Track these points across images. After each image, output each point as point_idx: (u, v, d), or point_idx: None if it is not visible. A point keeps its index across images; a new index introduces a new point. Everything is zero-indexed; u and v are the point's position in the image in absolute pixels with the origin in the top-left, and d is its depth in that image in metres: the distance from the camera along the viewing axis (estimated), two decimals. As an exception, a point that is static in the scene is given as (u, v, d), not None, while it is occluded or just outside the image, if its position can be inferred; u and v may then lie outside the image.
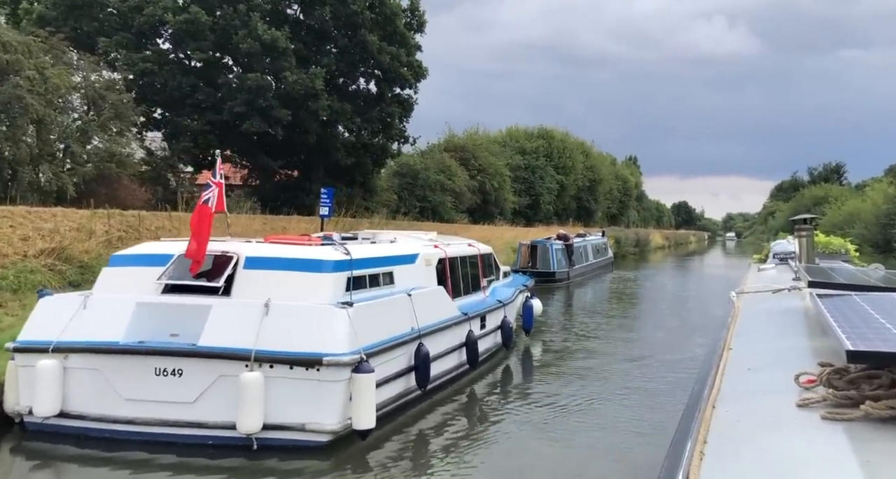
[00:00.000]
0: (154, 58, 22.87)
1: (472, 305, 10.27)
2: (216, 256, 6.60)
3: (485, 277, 11.88)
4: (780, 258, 10.18)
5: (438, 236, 12.11)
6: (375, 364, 6.56)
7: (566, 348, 12.69)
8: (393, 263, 8.08)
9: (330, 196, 17.04)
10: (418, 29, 30.35)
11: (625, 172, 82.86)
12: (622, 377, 10.08)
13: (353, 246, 7.61)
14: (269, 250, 6.77)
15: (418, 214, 38.01)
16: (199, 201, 6.65)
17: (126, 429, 5.91)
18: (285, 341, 6.00)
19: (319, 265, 6.64)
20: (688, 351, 11.22)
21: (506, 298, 11.58)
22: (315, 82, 24.12)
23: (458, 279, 10.46)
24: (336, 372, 5.99)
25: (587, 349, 12.41)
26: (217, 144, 25.79)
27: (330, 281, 6.61)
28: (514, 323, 13.08)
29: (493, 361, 10.83)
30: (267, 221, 18.76)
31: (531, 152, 53.52)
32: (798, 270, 6.39)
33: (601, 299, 23.25)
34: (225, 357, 5.90)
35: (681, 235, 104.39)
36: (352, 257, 7.02)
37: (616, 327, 15.66)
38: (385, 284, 7.84)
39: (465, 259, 10.95)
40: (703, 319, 14.63)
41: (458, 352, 9.22)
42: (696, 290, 26.49)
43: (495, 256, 12.79)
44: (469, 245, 11.62)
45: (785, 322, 4.02)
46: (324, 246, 7.06)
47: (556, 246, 25.41)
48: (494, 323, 10.90)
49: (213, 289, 6.35)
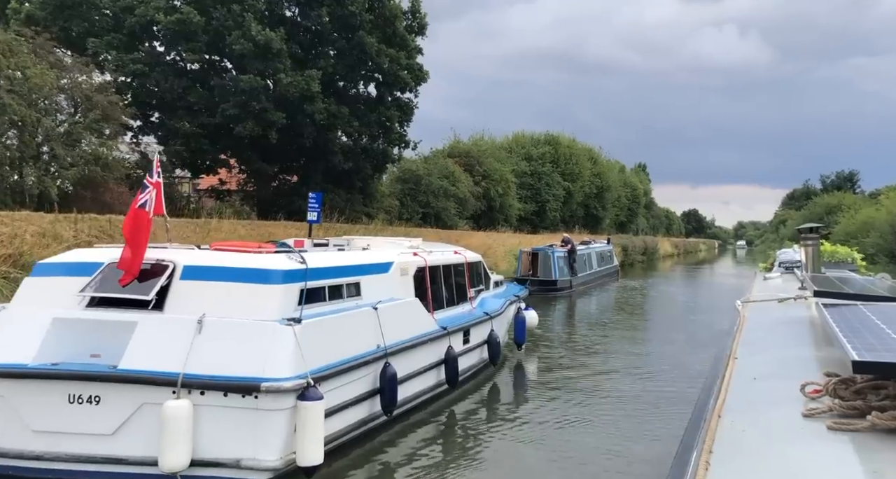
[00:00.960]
0: (145, 59, 22.32)
1: (455, 318, 9.49)
2: (151, 264, 5.85)
3: (472, 286, 11.10)
4: (786, 267, 10.03)
5: (423, 243, 11.35)
6: (328, 389, 5.79)
7: (561, 363, 11.85)
8: (360, 272, 7.31)
9: (318, 201, 16.20)
10: (419, 32, 29.72)
11: (634, 180, 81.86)
12: (620, 398, 9.24)
13: (313, 254, 6.85)
14: (212, 259, 6.00)
15: (421, 221, 37.37)
16: (134, 204, 5.90)
17: (34, 466, 5.14)
18: (220, 364, 5.24)
19: (266, 276, 5.88)
20: (694, 368, 10.36)
21: (494, 309, 10.78)
22: (310, 85, 23.49)
23: (441, 290, 9.68)
24: (277, 400, 5.22)
25: (584, 365, 11.57)
26: (210, 148, 25.33)
27: (278, 293, 5.84)
28: (505, 337, 12.29)
29: (478, 379, 10.01)
30: (253, 227, 18.06)
31: (537, 159, 52.76)
32: (804, 279, 6.34)
33: (604, 309, 22.35)
34: (149, 382, 5.14)
35: (690, 244, 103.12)
36: (307, 267, 6.25)
37: (618, 340, 14.79)
38: (350, 296, 7.07)
39: (450, 268, 10.17)
40: (710, 332, 13.76)
41: (436, 371, 8.44)
42: (704, 300, 25.50)
43: (485, 264, 11.99)
44: (455, 252, 10.84)
45: (790, 332, 3.98)
46: (275, 254, 6.29)
47: (558, 253, 24.54)
48: (480, 337, 10.10)
49: (142, 302, 5.59)
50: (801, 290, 5.82)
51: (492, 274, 13.39)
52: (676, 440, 2.56)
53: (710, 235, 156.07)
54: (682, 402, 7.93)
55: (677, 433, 2.81)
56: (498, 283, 12.97)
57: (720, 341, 4.67)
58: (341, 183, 29.06)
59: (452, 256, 10.55)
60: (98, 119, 19.79)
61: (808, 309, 4.77)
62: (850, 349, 2.30)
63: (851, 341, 2.49)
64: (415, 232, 26.39)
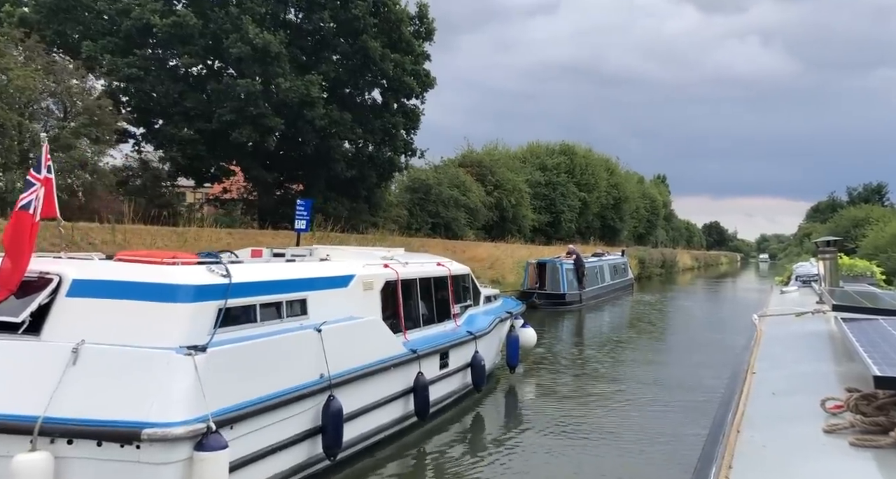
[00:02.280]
0: (140, 63, 21.64)
1: (432, 338, 8.40)
2: (33, 278, 4.85)
3: (458, 302, 10.01)
4: (803, 281, 9.96)
5: (403, 254, 10.29)
6: (242, 433, 4.75)
7: (559, 391, 10.64)
8: (307, 287, 6.26)
9: (307, 208, 15.25)
10: (427, 37, 28.89)
11: (653, 191, 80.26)
12: (622, 438, 8.04)
13: (243, 266, 5.81)
14: (108, 271, 4.98)
15: (430, 231, 36.45)
16: (17, 206, 4.93)
17: None
18: (96, 405, 4.22)
19: (172, 292, 4.85)
20: (710, 393, 9.14)
21: (480, 328, 9.66)
22: (310, 90, 22.69)
23: (416, 306, 8.61)
24: (165, 450, 4.17)
25: (586, 394, 10.35)
26: (207, 155, 24.60)
27: (185, 314, 4.81)
28: (496, 358, 11.16)
29: (457, 409, 8.89)
30: (242, 235, 17.14)
31: (552, 169, 51.57)
32: (822, 293, 6.26)
33: (616, 326, 21.05)
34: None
35: (711, 257, 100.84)
36: (231, 281, 5.22)
37: (626, 363, 13.52)
38: (292, 315, 6.02)
39: (428, 281, 9.10)
40: (730, 355, 12.49)
41: (402, 401, 7.34)
42: (725, 317, 23.90)
43: (474, 277, 10.88)
44: (438, 264, 9.76)
45: (809, 346, 3.96)
46: (193, 266, 5.26)
47: (566, 266, 23.30)
48: (461, 360, 8.99)
49: (10, 325, 4.59)
50: (820, 304, 5.75)
51: (484, 288, 12.29)
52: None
53: (732, 248, 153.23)
54: (696, 446, 6.71)
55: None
56: (491, 298, 11.85)
57: (738, 355, 4.55)
58: (345, 192, 28.18)
59: (433, 268, 9.48)
60: (87, 124, 19.13)
61: (827, 323, 4.70)
62: (872, 364, 2.30)
63: (872, 355, 2.48)
64: (416, 243, 25.41)
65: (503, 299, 13.24)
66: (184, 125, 22.87)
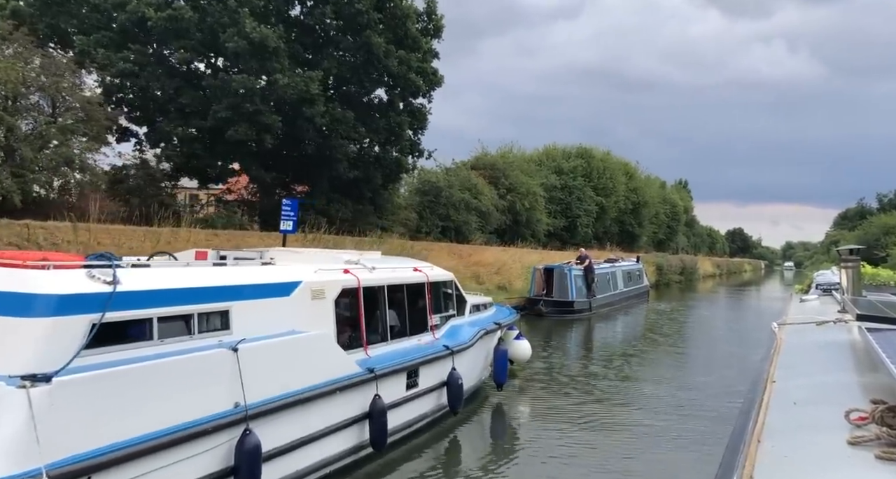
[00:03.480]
0: (135, 58, 20.94)
1: (399, 354, 7.37)
2: None
3: (437, 312, 8.96)
4: (824, 289, 9.78)
5: (381, 258, 9.29)
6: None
7: (549, 413, 9.51)
8: (229, 296, 5.27)
9: (294, 208, 14.41)
10: (435, 34, 27.91)
11: (674, 196, 78.50)
12: (628, 466, 6.92)
13: (138, 272, 4.81)
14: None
15: (440, 234, 35.51)
16: None
17: None
18: None
19: (26, 304, 3.88)
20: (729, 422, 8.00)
21: (460, 342, 8.60)
22: (310, 86, 21.81)
23: (383, 317, 7.58)
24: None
25: (581, 417, 9.22)
26: (204, 153, 23.86)
27: (40, 331, 3.84)
28: (482, 375, 10.08)
29: (426, 436, 7.81)
30: (226, 236, 16.26)
31: (568, 172, 50.30)
32: (844, 302, 6.20)
33: (627, 336, 19.79)
34: None
35: (734, 264, 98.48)
36: (115, 290, 4.24)
37: (635, 379, 12.29)
38: (208, 330, 5.03)
39: (400, 289, 8.07)
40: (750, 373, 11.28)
41: (353, 430, 6.31)
42: (746, 329, 22.30)
43: (458, 284, 9.82)
44: (414, 269, 8.72)
45: (831, 356, 3.89)
46: (66, 271, 4.28)
47: (575, 271, 22.08)
48: (435, 379, 7.94)
49: None
50: (842, 313, 5.68)
51: (474, 296, 11.24)
52: None
53: (757, 256, 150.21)
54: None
55: None
56: (480, 306, 10.78)
57: (757, 364, 4.45)
58: (349, 193, 27.27)
59: (407, 274, 8.44)
60: (77, 121, 18.45)
61: (850, 333, 4.64)
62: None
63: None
64: (419, 246, 24.40)
65: (496, 307, 12.16)
66: (180, 123, 22.13)
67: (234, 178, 27.46)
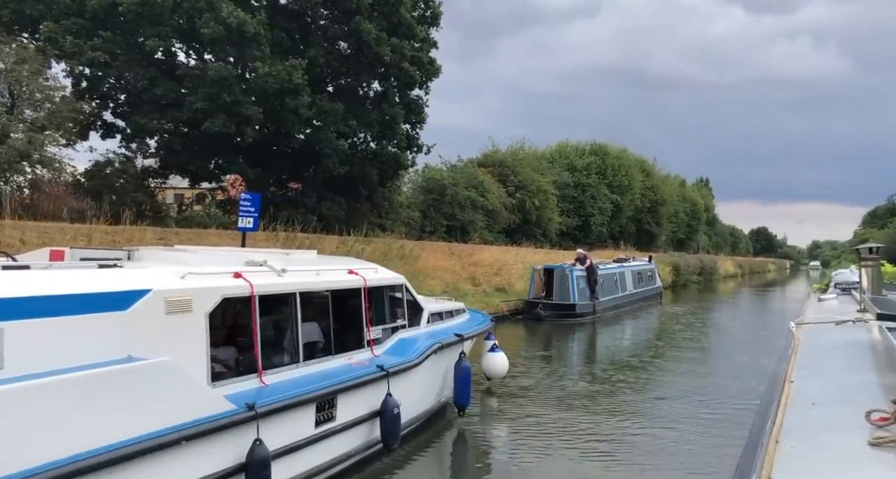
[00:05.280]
0: (106, 46, 19.67)
1: (309, 380, 5.81)
2: None
3: (378, 323, 7.40)
4: (842, 289, 9.63)
5: (318, 258, 7.77)
6: None
7: (519, 445, 7.86)
8: (5, 315, 3.73)
9: (255, 204, 12.89)
10: (433, 22, 26.36)
11: (694, 195, 76.14)
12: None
13: None
14: None
15: (445, 234, 34.01)
16: None
17: None
18: None
19: None
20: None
21: (400, 360, 7.02)
22: (292, 75, 20.37)
23: (294, 333, 6.04)
24: None
25: (559, 452, 7.55)
26: (183, 149, 22.57)
27: None
28: (437, 397, 8.48)
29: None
30: (188, 235, 14.83)
31: (582, 169, 48.45)
32: (863, 301, 6.18)
33: (632, 344, 17.95)
34: None
35: (757, 263, 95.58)
36: None
37: (632, 402, 10.49)
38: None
39: (322, 296, 6.54)
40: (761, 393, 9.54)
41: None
42: (768, 336, 19.14)
43: (410, 288, 8.24)
44: (349, 272, 7.15)
45: (850, 355, 3.85)
46: None
47: (577, 272, 20.34)
48: (361, 409, 6.37)
49: None
50: (861, 312, 5.68)
51: (439, 301, 9.66)
52: None
53: (782, 255, 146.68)
54: None
55: None
56: (444, 314, 9.19)
57: (775, 364, 4.39)
58: (343, 191, 25.81)
59: (336, 277, 6.88)
60: (43, 112, 17.24)
61: (870, 332, 4.56)
62: None
63: None
64: (409, 245, 22.86)
65: (471, 313, 10.56)
66: (155, 116, 20.83)
67: (230, 176, 26.20)
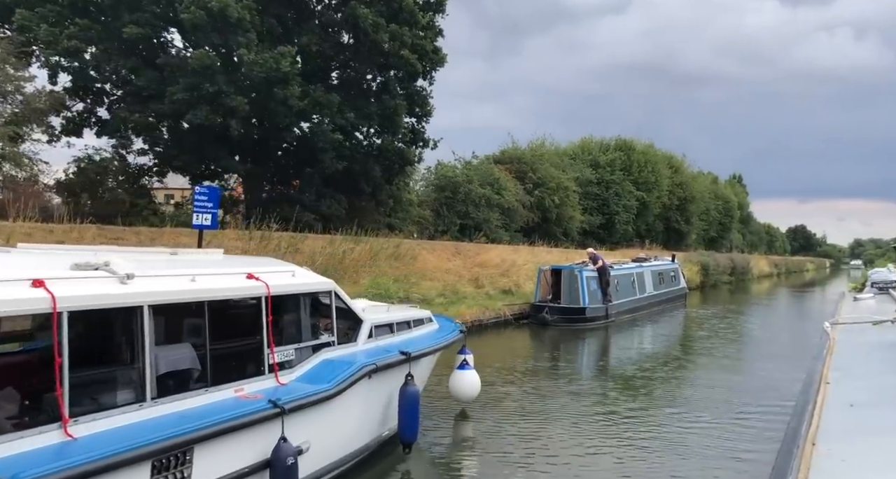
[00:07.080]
0: (82, 34, 18.57)
1: (154, 426, 4.29)
2: None
3: (288, 342, 5.87)
4: (879, 288, 9.60)
5: (225, 257, 6.28)
6: None
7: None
8: None
9: (213, 199, 11.43)
10: (437, 8, 24.80)
11: (727, 192, 73.14)
12: None
13: None
14: None
15: (459, 233, 32.50)
16: None
17: None
18: None
19: None
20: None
21: (307, 392, 5.46)
22: (280, 63, 19.02)
23: (139, 361, 4.53)
24: None
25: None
26: (170, 143, 21.43)
27: None
28: (373, 435, 6.89)
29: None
30: (150, 234, 13.49)
31: (606, 166, 46.33)
32: None
33: (645, 354, 16.00)
34: None
35: (794, 262, 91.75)
36: None
37: (635, 436, 8.87)
38: None
39: (195, 309, 5.02)
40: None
41: None
42: (805, 344, 17.32)
43: (341, 294, 6.66)
44: (248, 276, 5.62)
45: (889, 356, 3.78)
46: None
47: (587, 273, 18.55)
48: (240, 461, 4.83)
49: None
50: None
51: (399, 308, 8.09)
52: None
53: (821, 254, 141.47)
54: None
55: None
56: (395, 326, 7.60)
57: (810, 364, 4.11)
58: (343, 188, 24.41)
59: (221, 283, 5.34)
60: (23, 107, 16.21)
61: None
62: None
63: None
64: (407, 244, 21.30)
65: (443, 321, 8.95)
66: (137, 108, 19.69)
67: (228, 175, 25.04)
